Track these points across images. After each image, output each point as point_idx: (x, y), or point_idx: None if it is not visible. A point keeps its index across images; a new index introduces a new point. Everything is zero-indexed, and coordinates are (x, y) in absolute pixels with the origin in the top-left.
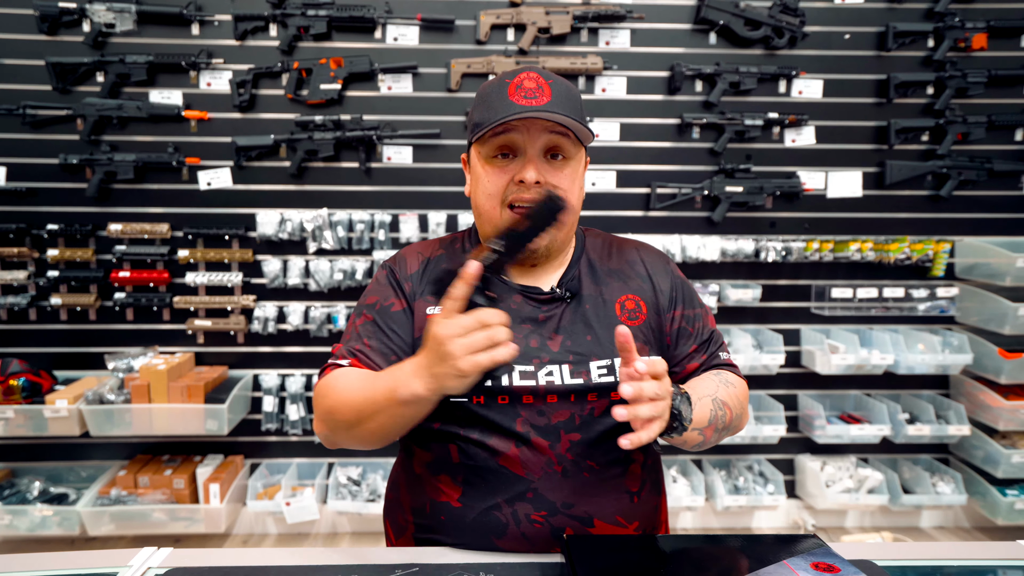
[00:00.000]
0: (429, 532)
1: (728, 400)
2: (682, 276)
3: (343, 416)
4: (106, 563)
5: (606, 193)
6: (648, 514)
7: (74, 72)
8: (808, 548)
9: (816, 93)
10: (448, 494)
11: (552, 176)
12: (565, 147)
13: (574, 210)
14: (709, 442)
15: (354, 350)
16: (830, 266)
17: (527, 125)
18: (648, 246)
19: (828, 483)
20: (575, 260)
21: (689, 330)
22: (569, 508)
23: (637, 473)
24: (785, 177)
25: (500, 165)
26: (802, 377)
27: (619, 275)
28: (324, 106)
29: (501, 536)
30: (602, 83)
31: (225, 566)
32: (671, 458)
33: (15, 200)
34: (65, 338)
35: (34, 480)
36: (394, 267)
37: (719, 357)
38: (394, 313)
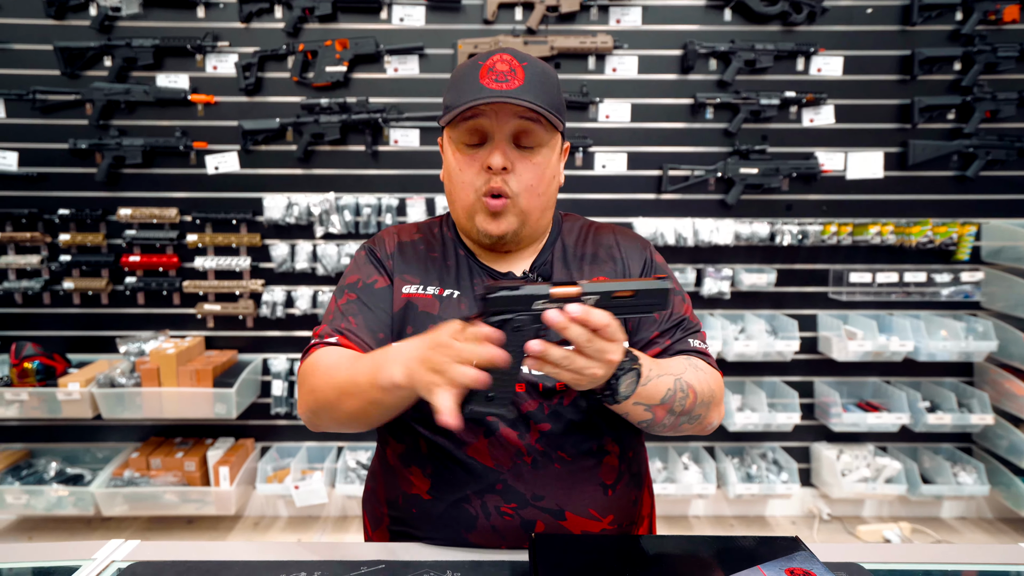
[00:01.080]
0: (402, 525)
1: (695, 384)
2: (659, 260)
3: (324, 396)
4: (71, 556)
5: (617, 176)
6: (625, 508)
7: (82, 56)
8: (786, 552)
9: (836, 70)
10: (418, 486)
11: (520, 163)
12: (535, 133)
13: (544, 199)
14: (662, 424)
15: (340, 328)
16: (848, 250)
17: (496, 110)
18: (627, 231)
19: (844, 472)
20: (549, 244)
21: (654, 316)
22: (539, 500)
23: (613, 465)
24: (802, 158)
25: (470, 154)
26: (818, 364)
27: (592, 259)
28: (330, 89)
29: (471, 529)
30: (612, 62)
31: (189, 560)
32: (683, 445)
33: (27, 185)
34: (78, 322)
35: (51, 461)
36: (374, 247)
37: (688, 343)
38: (378, 290)
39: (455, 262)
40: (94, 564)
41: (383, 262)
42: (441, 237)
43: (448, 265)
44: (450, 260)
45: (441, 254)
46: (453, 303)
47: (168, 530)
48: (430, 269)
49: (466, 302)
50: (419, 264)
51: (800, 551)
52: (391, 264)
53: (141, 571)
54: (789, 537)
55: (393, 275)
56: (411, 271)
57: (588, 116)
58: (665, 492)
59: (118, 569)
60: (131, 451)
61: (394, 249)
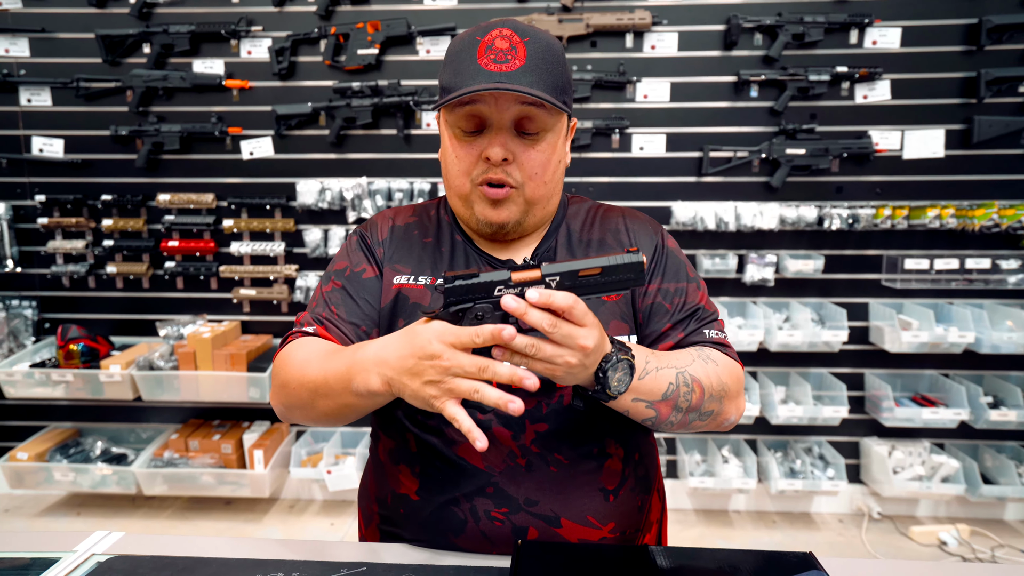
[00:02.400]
0: (391, 524)
1: (701, 377)
2: (672, 246)
3: (296, 394)
4: (53, 547)
5: (655, 158)
6: (629, 515)
7: (122, 44)
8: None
9: (893, 42)
10: (407, 485)
11: (523, 153)
12: (539, 119)
13: (550, 186)
14: (668, 421)
15: (320, 317)
16: (904, 234)
17: (495, 96)
18: (637, 213)
19: (896, 469)
20: (553, 230)
21: (666, 306)
22: (533, 506)
23: (615, 469)
24: (854, 137)
25: (468, 141)
26: (869, 355)
27: (599, 245)
28: (362, 72)
29: (460, 534)
30: (651, 40)
31: (168, 556)
32: (723, 437)
33: (72, 171)
34: (121, 305)
35: (97, 440)
36: (365, 233)
37: (703, 335)
38: (365, 280)
39: (450, 248)
40: (74, 556)
41: (373, 250)
42: (437, 221)
43: (442, 252)
44: (444, 247)
45: (436, 240)
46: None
47: (207, 511)
48: (423, 257)
49: None
50: (411, 251)
51: (812, 569)
52: (381, 252)
53: (118, 565)
54: (800, 553)
55: (383, 264)
56: (403, 260)
57: (625, 96)
58: (703, 486)
59: (97, 562)
60: (171, 432)
61: (387, 235)
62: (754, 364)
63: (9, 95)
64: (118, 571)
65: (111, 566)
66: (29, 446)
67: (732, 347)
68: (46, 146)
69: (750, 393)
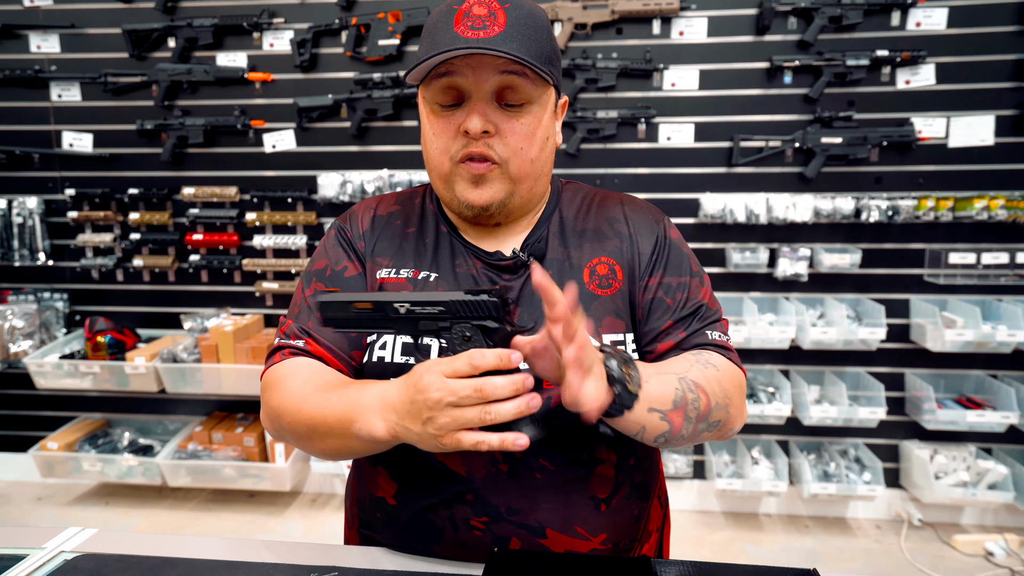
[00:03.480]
0: (369, 529)
1: (703, 382)
2: (676, 237)
3: (291, 426)
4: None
5: (683, 148)
6: (623, 525)
7: (147, 38)
8: None
9: (939, 23)
10: (384, 489)
11: (505, 125)
12: (522, 89)
13: (538, 164)
14: (681, 434)
15: (307, 328)
16: (948, 227)
17: (472, 64)
18: (637, 200)
19: (939, 474)
20: (544, 218)
21: (667, 302)
22: (515, 515)
23: (607, 475)
24: (895, 125)
25: (445, 116)
26: (910, 354)
27: (594, 235)
28: (383, 63)
29: (438, 542)
30: (679, 25)
31: (137, 555)
32: (753, 438)
33: (101, 166)
34: (148, 298)
35: (125, 431)
36: (344, 226)
37: (705, 336)
38: (348, 279)
39: (434, 239)
40: (43, 553)
41: (353, 244)
42: (421, 210)
43: (426, 243)
44: (428, 237)
45: (419, 229)
46: (429, 286)
47: (230, 503)
48: (404, 248)
49: (444, 285)
50: (393, 243)
51: None
52: (362, 246)
53: (84, 564)
54: (806, 570)
55: (365, 259)
56: (384, 252)
57: (652, 84)
58: (732, 488)
59: (64, 560)
60: (196, 425)
61: (367, 227)
62: (786, 362)
63: (41, 91)
64: (83, 570)
65: (76, 565)
66: (60, 436)
67: (734, 350)
68: (76, 141)
69: (781, 392)
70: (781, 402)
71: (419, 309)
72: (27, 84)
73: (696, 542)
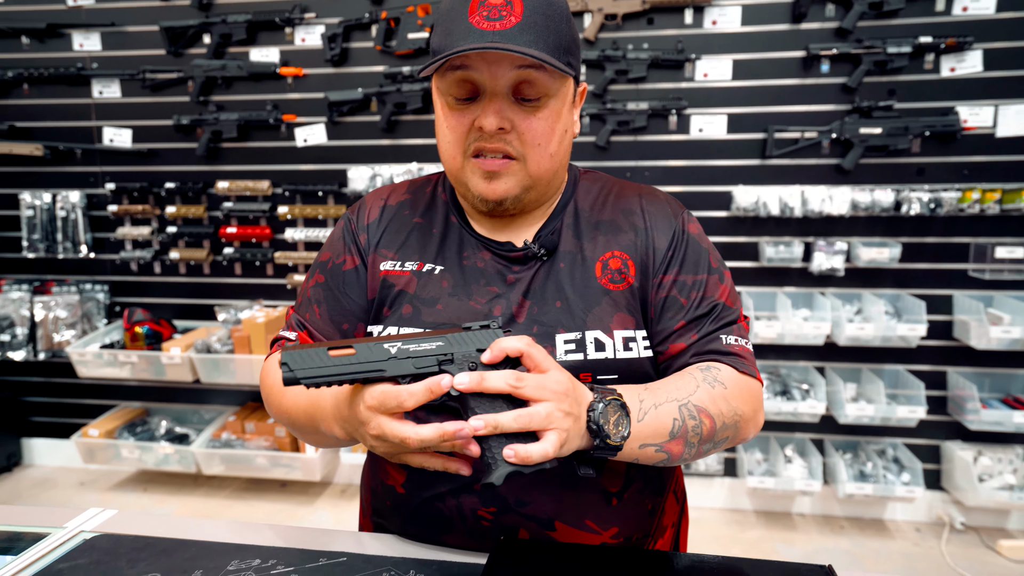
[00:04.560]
0: (380, 516)
1: (708, 406)
2: (695, 232)
3: (277, 417)
4: (43, 522)
5: (715, 140)
6: (636, 519)
7: (183, 35)
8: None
9: (987, 8)
10: (394, 477)
11: (523, 122)
12: (539, 83)
13: (556, 158)
14: (682, 458)
15: (304, 320)
16: (995, 220)
17: (488, 59)
18: (657, 192)
19: (982, 477)
20: (559, 209)
21: (681, 301)
22: (524, 506)
23: (619, 469)
24: (939, 114)
25: (460, 109)
26: (952, 351)
27: (609, 227)
28: (413, 56)
29: (447, 532)
30: (712, 15)
31: (153, 536)
32: (786, 436)
33: (139, 160)
34: (184, 290)
35: (162, 420)
36: (352, 216)
37: (719, 341)
38: (345, 272)
39: (442, 230)
40: (63, 532)
41: (356, 236)
42: (431, 199)
43: (433, 234)
44: (436, 227)
45: (427, 220)
46: (434, 280)
47: (263, 492)
48: (411, 239)
49: (449, 279)
50: (400, 234)
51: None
52: (365, 238)
53: (101, 543)
54: (820, 566)
55: (368, 252)
56: (390, 244)
57: (684, 75)
58: (763, 486)
59: (84, 539)
60: (229, 415)
61: (375, 217)
62: (820, 359)
63: (83, 88)
64: (100, 549)
65: (94, 544)
66: (100, 423)
67: (750, 356)
68: (115, 136)
69: (816, 390)
70: (815, 400)
71: (414, 347)
72: (70, 81)
73: (727, 540)
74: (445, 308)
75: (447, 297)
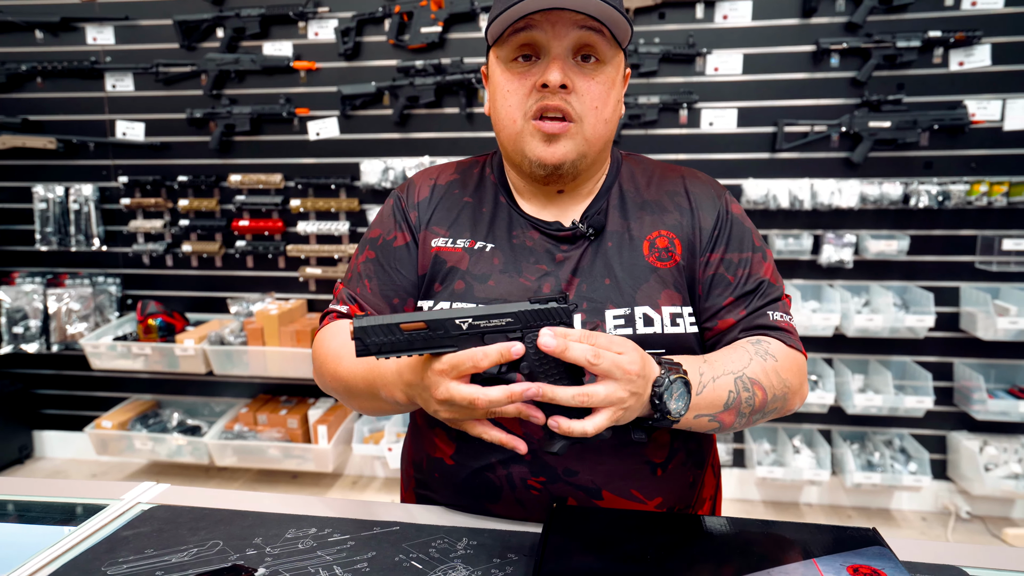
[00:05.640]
0: (426, 488)
1: (761, 378)
2: (737, 212)
3: (332, 385)
4: (102, 495)
5: (725, 134)
6: (678, 490)
7: (197, 29)
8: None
9: (996, 2)
10: (442, 450)
11: (582, 81)
12: (599, 47)
13: (610, 125)
14: (733, 427)
15: (355, 294)
16: (1002, 213)
17: (551, 19)
18: (698, 174)
19: (988, 466)
20: (604, 190)
21: (728, 278)
22: (573, 476)
23: (663, 441)
24: (947, 108)
25: (520, 70)
26: (959, 343)
27: (654, 207)
28: (426, 50)
29: (495, 500)
30: (723, 9)
31: (207, 507)
32: (794, 426)
33: (152, 154)
34: (196, 283)
35: (174, 412)
36: (401, 195)
37: (767, 316)
38: (396, 249)
39: (491, 209)
40: (121, 504)
41: (407, 214)
42: (480, 179)
43: (483, 212)
44: (486, 206)
45: (477, 200)
46: (485, 256)
47: (274, 483)
48: (461, 218)
49: (500, 256)
50: (451, 213)
51: (875, 545)
52: (415, 216)
53: (160, 514)
54: (864, 528)
55: (419, 229)
56: (441, 222)
57: (695, 69)
58: (772, 476)
59: (141, 510)
60: (241, 407)
61: (425, 196)
62: (829, 350)
63: (96, 81)
64: (159, 519)
65: (153, 514)
66: (113, 415)
67: (795, 331)
68: (128, 129)
69: (824, 381)
70: (824, 390)
71: (484, 323)
72: (83, 75)
73: None
74: (497, 284)
75: (498, 274)
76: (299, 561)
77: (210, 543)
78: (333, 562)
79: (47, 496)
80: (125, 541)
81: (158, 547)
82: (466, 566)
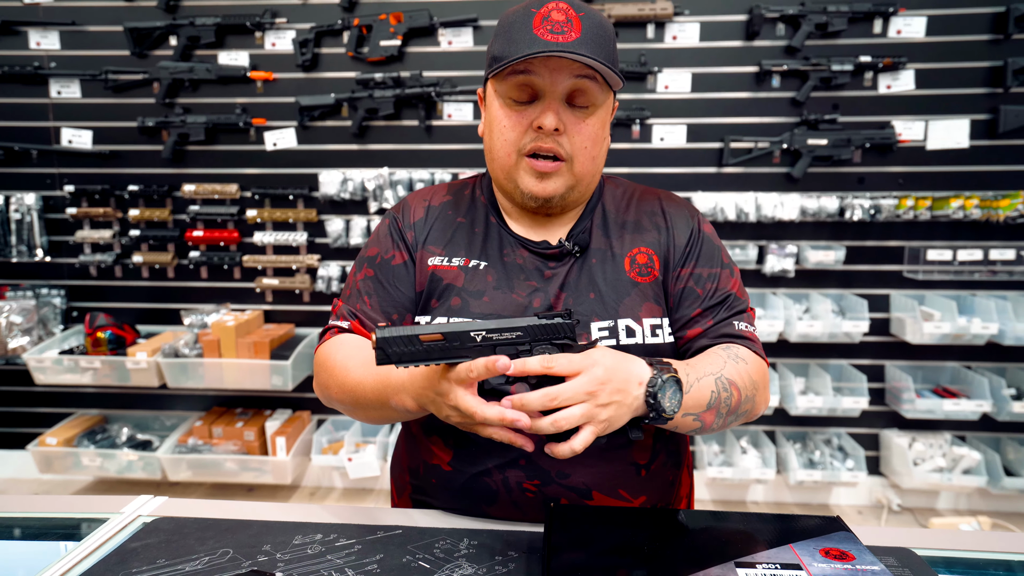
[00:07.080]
0: (422, 494)
1: (736, 379)
2: (708, 231)
3: (338, 396)
4: (100, 509)
5: (675, 149)
6: (660, 489)
7: (149, 36)
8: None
9: (918, 31)
10: (440, 456)
11: (573, 126)
12: (591, 93)
13: (597, 162)
14: (711, 428)
15: (355, 310)
16: (927, 226)
17: (550, 67)
18: (674, 196)
19: (917, 461)
20: (588, 211)
21: (697, 291)
22: (565, 478)
23: (647, 443)
24: (877, 127)
25: (518, 110)
26: (890, 346)
27: (634, 227)
28: (384, 63)
29: (492, 504)
30: (673, 30)
31: (210, 518)
32: (741, 429)
33: (100, 162)
34: (147, 294)
35: (123, 427)
36: (397, 216)
37: (732, 326)
38: (395, 267)
39: (484, 229)
40: (121, 517)
41: (404, 234)
42: (471, 200)
43: (476, 232)
44: (478, 227)
45: (470, 220)
46: (479, 274)
47: (230, 497)
48: (456, 237)
49: (493, 273)
50: (446, 232)
51: (840, 531)
52: (412, 236)
53: (164, 526)
54: (830, 517)
55: (416, 248)
56: (436, 241)
57: (646, 87)
58: (721, 476)
59: (143, 523)
60: (195, 420)
61: (420, 217)
62: (773, 355)
63: (40, 87)
64: (165, 530)
65: (157, 526)
66: (58, 431)
67: (758, 340)
68: (75, 137)
69: (770, 384)
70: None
71: (496, 336)
72: (26, 80)
73: None
74: (491, 300)
75: (492, 290)
76: (312, 565)
77: (220, 551)
78: (344, 565)
79: (40, 512)
80: (135, 553)
81: (169, 557)
82: (471, 564)
